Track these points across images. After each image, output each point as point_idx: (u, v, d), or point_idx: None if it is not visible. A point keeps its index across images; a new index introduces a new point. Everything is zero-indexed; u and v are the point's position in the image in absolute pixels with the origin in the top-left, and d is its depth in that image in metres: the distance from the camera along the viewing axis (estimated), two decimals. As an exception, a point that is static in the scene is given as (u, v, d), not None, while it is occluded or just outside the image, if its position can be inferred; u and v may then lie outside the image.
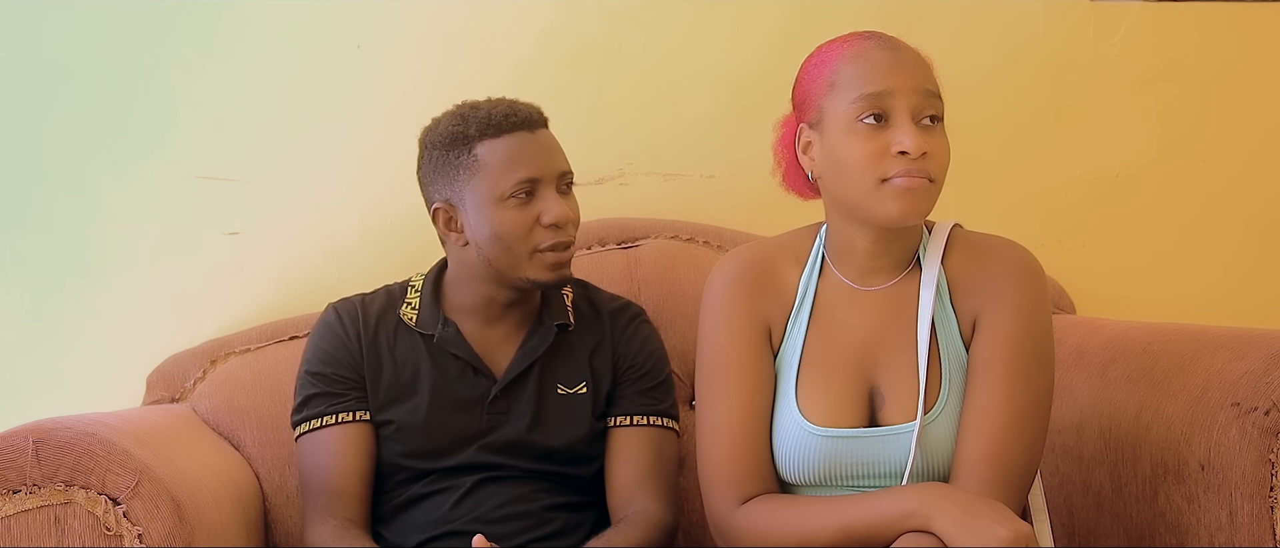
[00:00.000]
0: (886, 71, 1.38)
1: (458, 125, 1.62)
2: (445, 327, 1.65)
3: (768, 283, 1.50)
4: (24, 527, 1.34)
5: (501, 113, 1.61)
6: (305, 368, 1.66)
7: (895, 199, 1.38)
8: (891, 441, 1.42)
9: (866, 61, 1.40)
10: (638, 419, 1.68)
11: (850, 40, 1.43)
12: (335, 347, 1.65)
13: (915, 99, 1.38)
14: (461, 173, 1.60)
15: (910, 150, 1.36)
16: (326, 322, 1.68)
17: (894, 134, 1.37)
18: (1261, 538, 1.38)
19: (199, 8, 2.00)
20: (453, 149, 1.61)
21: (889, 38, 1.42)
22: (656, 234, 2.00)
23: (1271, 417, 1.38)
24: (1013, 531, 1.25)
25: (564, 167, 1.64)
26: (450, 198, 1.62)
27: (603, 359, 1.70)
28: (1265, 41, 2.19)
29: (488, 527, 1.58)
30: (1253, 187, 2.20)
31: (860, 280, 1.48)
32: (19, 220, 1.98)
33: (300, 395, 1.65)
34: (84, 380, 1.97)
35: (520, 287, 1.63)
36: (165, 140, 2.00)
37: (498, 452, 1.62)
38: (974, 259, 1.46)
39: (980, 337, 1.43)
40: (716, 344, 1.48)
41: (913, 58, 1.41)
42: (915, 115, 1.38)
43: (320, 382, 1.64)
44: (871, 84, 1.38)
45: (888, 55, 1.40)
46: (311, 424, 1.62)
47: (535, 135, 1.61)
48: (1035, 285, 1.44)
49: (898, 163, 1.37)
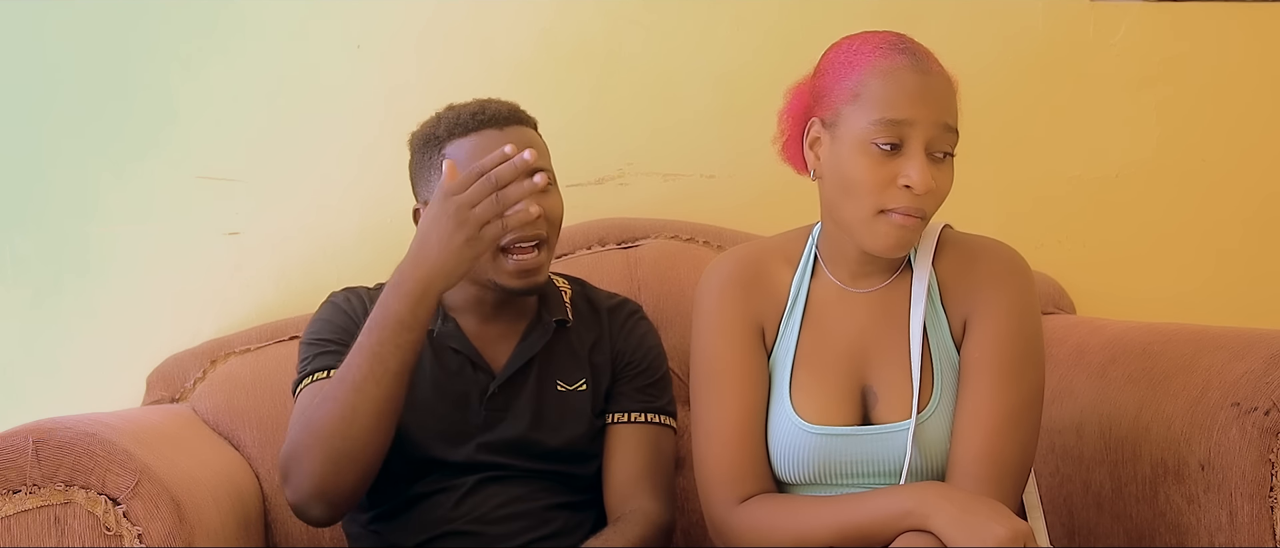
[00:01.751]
0: (912, 99, 1.37)
1: (432, 126, 1.64)
2: (445, 322, 1.65)
3: (760, 284, 1.50)
4: (24, 527, 1.33)
5: (470, 111, 1.61)
6: (311, 336, 1.63)
7: (887, 234, 1.39)
8: (885, 439, 1.42)
9: (895, 82, 1.38)
10: (635, 416, 1.68)
11: (885, 51, 1.39)
12: (342, 320, 1.64)
13: (933, 132, 1.37)
14: (433, 174, 1.61)
15: (916, 187, 1.36)
16: (333, 302, 1.68)
17: (904, 166, 1.36)
18: (1261, 538, 1.38)
19: (199, 7, 2.00)
20: (426, 150, 1.63)
21: (923, 56, 1.40)
22: (656, 234, 2.01)
23: (1271, 417, 1.38)
24: (1011, 529, 1.25)
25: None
26: (427, 198, 1.62)
27: (602, 355, 1.70)
28: (1265, 41, 2.19)
29: (489, 527, 1.58)
30: (1252, 186, 2.20)
31: (851, 282, 1.49)
32: (19, 220, 1.98)
33: (305, 357, 1.62)
34: (84, 380, 1.97)
35: (490, 289, 1.62)
36: (164, 140, 2.00)
37: (499, 452, 1.62)
38: (963, 261, 1.47)
39: (971, 337, 1.43)
40: (710, 345, 1.48)
41: (941, 85, 1.39)
42: (929, 149, 1.37)
43: (327, 345, 1.61)
44: (895, 110, 1.37)
45: (917, 79, 1.38)
46: (315, 376, 1.59)
47: (503, 132, 1.60)
48: (1024, 286, 1.44)
49: (900, 197, 1.37)
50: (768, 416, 1.47)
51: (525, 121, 1.65)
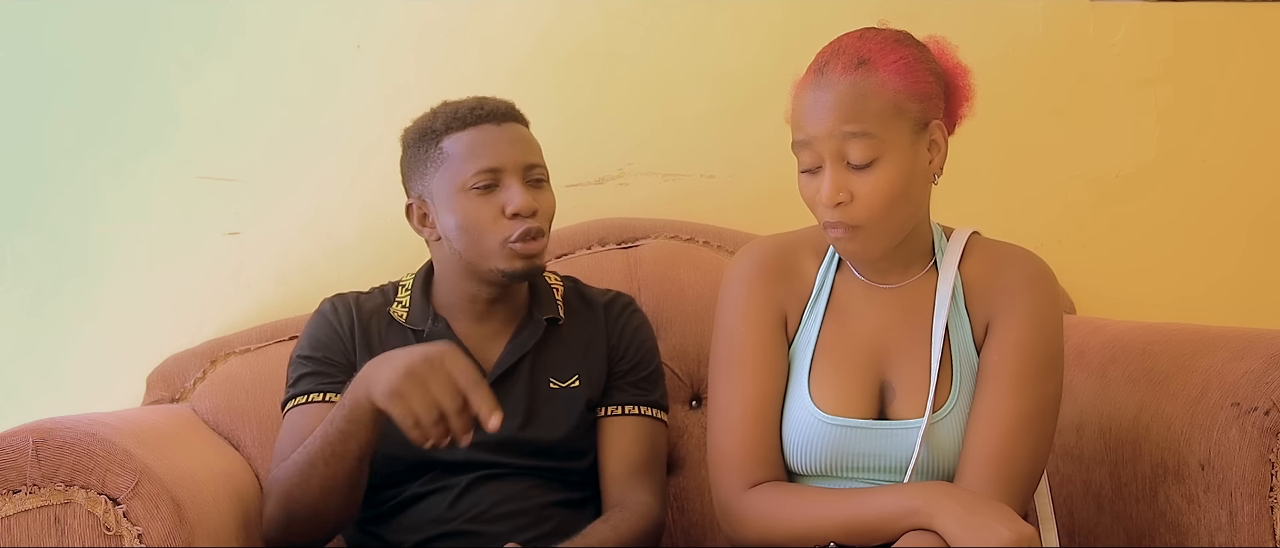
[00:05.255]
0: (808, 116, 1.39)
1: (428, 121, 1.65)
2: (435, 323, 1.66)
3: (786, 273, 1.51)
4: (24, 527, 1.33)
5: (468, 107, 1.64)
6: (298, 353, 1.68)
7: (837, 243, 1.42)
8: (899, 435, 1.42)
9: (798, 103, 1.41)
10: (629, 409, 1.69)
11: (810, 67, 1.42)
12: (328, 335, 1.67)
13: (834, 144, 1.37)
14: (429, 167, 1.63)
15: (826, 201, 1.38)
16: (321, 313, 1.70)
17: (820, 183, 1.38)
18: (1261, 538, 1.38)
19: (199, 8, 2.00)
20: (421, 144, 1.64)
21: (832, 69, 1.38)
22: (656, 234, 2.01)
23: (1271, 417, 1.38)
24: (1015, 532, 1.25)
25: (531, 159, 1.64)
26: (423, 193, 1.65)
27: (597, 351, 1.70)
28: (1265, 42, 2.19)
29: (486, 526, 1.58)
30: (1253, 186, 2.20)
31: (876, 277, 1.50)
32: (19, 220, 1.98)
33: (291, 377, 1.66)
34: (84, 380, 1.97)
35: (494, 280, 1.63)
36: (165, 140, 2.00)
37: (492, 449, 1.62)
38: (990, 266, 1.47)
39: (992, 341, 1.44)
40: (733, 329, 1.49)
41: (839, 95, 1.36)
42: (839, 160, 1.37)
43: (311, 364, 1.65)
44: (798, 130, 1.40)
45: (813, 96, 1.39)
46: (298, 400, 1.63)
47: (501, 127, 1.63)
48: (1048, 294, 1.45)
49: (826, 212, 1.39)
50: (785, 404, 1.47)
51: (521, 120, 1.67)
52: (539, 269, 1.65)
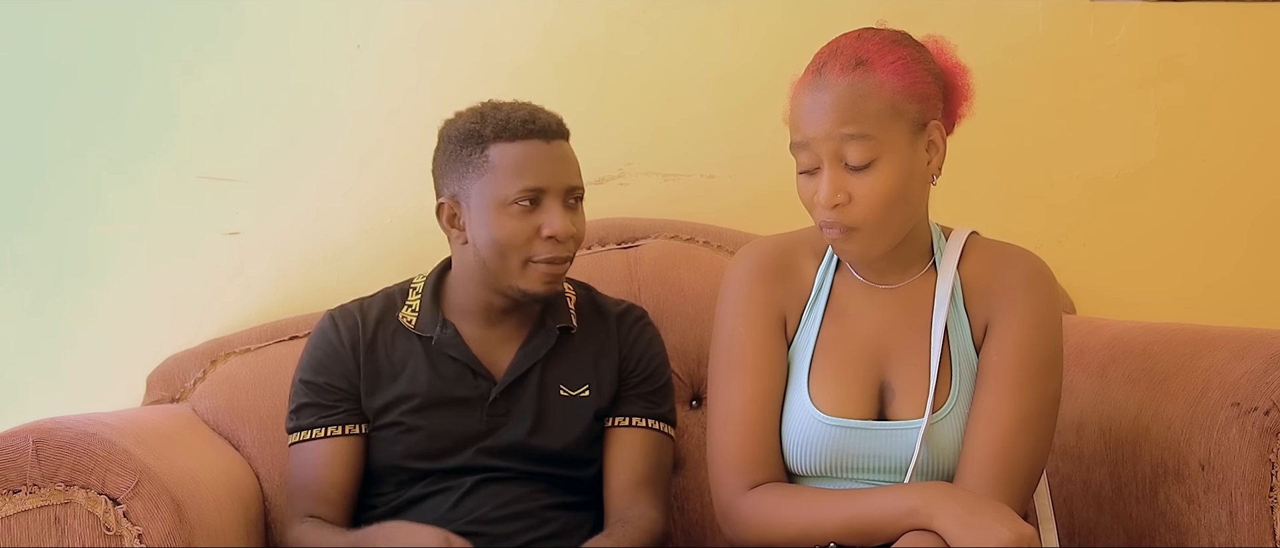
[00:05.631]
0: (806, 117, 1.39)
1: (475, 123, 1.61)
2: (444, 329, 1.65)
3: (786, 274, 1.51)
4: (24, 527, 1.33)
5: (521, 118, 1.60)
6: (299, 376, 1.67)
7: (834, 244, 1.42)
8: (899, 435, 1.42)
9: (796, 104, 1.41)
10: (637, 421, 1.68)
11: (808, 68, 1.42)
12: (329, 356, 1.65)
13: (831, 145, 1.37)
14: (471, 171, 1.60)
15: (823, 203, 1.38)
16: (322, 330, 1.68)
17: (818, 184, 1.39)
18: (1261, 538, 1.38)
19: (199, 8, 2.00)
20: (466, 146, 1.61)
21: (830, 70, 1.38)
22: (656, 234, 2.01)
23: (1271, 417, 1.38)
24: (1015, 532, 1.25)
25: (573, 181, 1.63)
26: (457, 194, 1.62)
27: (608, 362, 1.70)
28: (1265, 41, 2.19)
29: (488, 527, 1.58)
30: (1253, 186, 2.20)
31: (875, 278, 1.50)
32: (19, 220, 1.98)
33: (294, 403, 1.66)
34: (84, 380, 1.97)
35: (510, 295, 1.63)
36: (165, 140, 2.00)
37: (497, 454, 1.62)
38: (989, 266, 1.47)
39: (991, 341, 1.43)
40: (732, 330, 1.49)
41: (836, 96, 1.37)
42: (836, 161, 1.38)
43: (313, 391, 1.64)
44: (796, 131, 1.41)
45: (809, 97, 1.39)
46: (302, 435, 1.64)
47: (550, 146, 1.61)
48: (1048, 294, 1.45)
49: (824, 213, 1.40)
50: (784, 404, 1.47)
51: (567, 135, 1.65)
52: (556, 293, 1.65)
